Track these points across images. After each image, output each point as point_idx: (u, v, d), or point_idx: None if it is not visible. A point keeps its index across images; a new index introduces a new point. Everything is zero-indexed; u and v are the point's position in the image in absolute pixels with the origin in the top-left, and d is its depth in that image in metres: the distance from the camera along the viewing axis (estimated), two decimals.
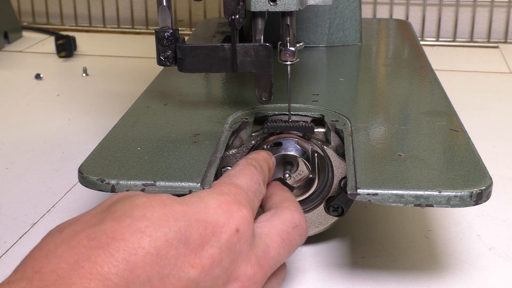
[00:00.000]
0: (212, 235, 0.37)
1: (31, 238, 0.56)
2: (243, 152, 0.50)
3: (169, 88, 0.62)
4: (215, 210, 0.38)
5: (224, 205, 0.39)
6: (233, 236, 0.38)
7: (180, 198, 0.39)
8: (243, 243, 0.39)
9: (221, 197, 0.39)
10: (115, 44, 1.25)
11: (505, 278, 0.50)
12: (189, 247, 0.36)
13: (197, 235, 0.37)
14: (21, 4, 1.39)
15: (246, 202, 0.40)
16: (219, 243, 0.37)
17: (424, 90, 0.61)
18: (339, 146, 0.50)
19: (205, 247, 0.37)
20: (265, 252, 0.40)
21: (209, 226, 0.37)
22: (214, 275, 0.37)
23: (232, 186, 0.41)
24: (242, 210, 0.39)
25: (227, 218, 0.38)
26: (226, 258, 0.38)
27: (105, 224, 0.35)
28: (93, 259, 0.33)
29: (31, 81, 1.01)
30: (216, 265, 0.37)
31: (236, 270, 0.38)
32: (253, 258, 0.39)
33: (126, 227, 0.35)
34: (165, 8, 0.50)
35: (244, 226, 0.39)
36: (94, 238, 0.34)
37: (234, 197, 0.40)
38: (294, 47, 0.50)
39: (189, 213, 0.37)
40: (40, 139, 0.78)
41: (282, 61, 0.50)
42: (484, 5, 1.23)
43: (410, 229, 0.57)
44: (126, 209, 0.36)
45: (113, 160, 0.46)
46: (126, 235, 0.34)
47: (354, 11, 0.76)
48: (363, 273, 0.50)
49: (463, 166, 0.44)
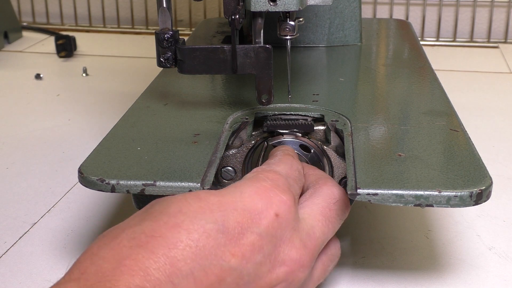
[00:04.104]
0: (251, 222, 0.37)
1: (31, 238, 0.56)
2: (243, 152, 0.50)
3: (169, 88, 0.62)
4: (252, 197, 0.38)
5: (261, 192, 0.39)
6: (273, 222, 0.38)
7: (216, 190, 0.39)
8: (284, 228, 0.39)
9: (257, 183, 0.40)
10: (115, 44, 1.25)
11: (505, 278, 0.50)
12: (228, 236, 0.36)
13: (234, 223, 0.37)
14: (21, 4, 1.39)
15: (285, 187, 0.40)
16: (259, 229, 0.37)
17: (424, 90, 0.61)
18: (339, 146, 0.50)
19: (245, 234, 0.37)
20: (309, 234, 0.40)
21: (246, 214, 0.37)
22: (256, 262, 0.37)
23: (270, 172, 0.41)
24: (280, 195, 0.39)
25: (265, 204, 0.38)
26: (267, 244, 0.38)
27: (143, 224, 0.36)
28: (133, 256, 0.34)
29: (31, 81, 1.01)
30: (257, 252, 0.37)
31: (280, 255, 0.38)
32: (297, 242, 0.39)
33: (163, 225, 0.36)
34: (165, 9, 0.50)
35: (284, 210, 0.39)
36: (133, 238, 0.35)
37: (272, 182, 0.40)
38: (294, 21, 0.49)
39: (224, 203, 0.38)
40: (40, 139, 0.78)
41: (281, 36, 0.49)
42: (484, 5, 1.23)
43: (410, 229, 0.57)
44: (162, 208, 0.37)
45: (113, 160, 0.46)
46: (164, 231, 0.35)
47: (354, 11, 0.76)
48: (363, 273, 0.50)
49: (463, 166, 0.44)
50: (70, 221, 0.59)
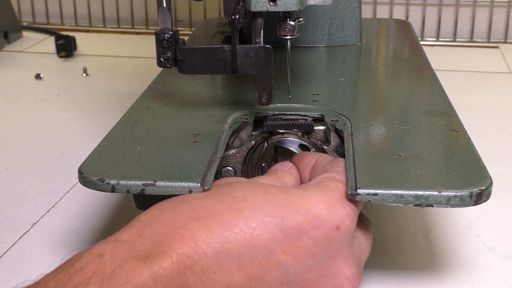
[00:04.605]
0: (311, 227, 0.38)
1: (31, 238, 0.56)
2: (243, 152, 0.50)
3: (169, 88, 0.62)
4: (319, 203, 0.39)
5: (328, 200, 0.39)
6: (332, 232, 0.38)
7: (285, 188, 0.40)
8: (343, 241, 0.39)
9: (326, 192, 0.40)
10: (115, 44, 1.25)
11: (505, 278, 0.50)
12: (285, 234, 0.37)
13: (294, 223, 0.37)
14: (21, 4, 1.39)
15: (352, 201, 0.40)
16: (316, 236, 0.38)
17: (424, 90, 0.61)
18: (339, 146, 0.50)
19: (301, 236, 0.37)
20: (361, 254, 0.41)
21: (308, 218, 0.38)
22: (305, 265, 0.38)
23: (340, 183, 0.41)
24: (346, 208, 0.39)
25: (329, 214, 0.39)
26: (321, 252, 0.38)
27: (207, 201, 0.38)
28: (189, 227, 0.35)
29: (31, 81, 1.01)
30: (309, 257, 0.38)
31: (332, 267, 0.39)
32: (350, 259, 0.40)
33: (226, 206, 0.37)
34: (165, 9, 0.50)
35: (346, 224, 0.39)
36: (194, 210, 0.37)
37: (340, 194, 0.40)
38: (294, 21, 0.49)
39: (290, 202, 0.38)
40: (40, 139, 0.78)
41: (281, 36, 0.49)
42: (484, 5, 1.23)
43: (410, 229, 0.57)
44: (229, 191, 0.39)
45: (113, 160, 0.46)
46: (224, 212, 0.37)
47: (354, 11, 0.76)
48: (363, 273, 0.50)
49: (463, 166, 0.44)
50: (70, 221, 0.59)
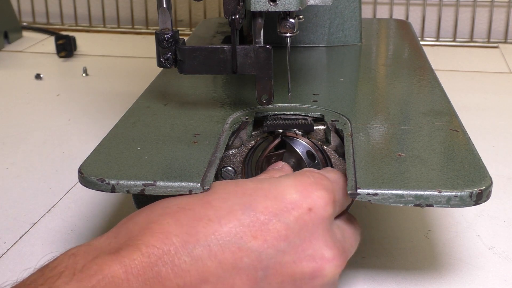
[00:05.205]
0: (280, 211, 0.38)
1: (31, 238, 0.56)
2: (243, 152, 0.50)
3: (169, 88, 0.62)
4: (289, 188, 0.39)
5: (299, 185, 0.40)
6: (305, 215, 0.39)
7: (256, 178, 0.42)
8: (318, 224, 0.39)
9: (299, 177, 0.40)
10: (115, 44, 1.25)
11: (505, 278, 0.50)
12: (253, 219, 0.38)
13: (262, 208, 0.38)
14: (21, 4, 1.39)
15: (327, 186, 0.41)
16: (287, 219, 0.38)
17: (424, 90, 0.61)
18: (339, 146, 0.50)
19: (271, 221, 0.38)
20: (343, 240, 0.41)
21: (277, 202, 0.39)
22: (279, 249, 0.38)
23: (317, 173, 0.42)
24: (319, 191, 0.40)
25: (300, 197, 0.39)
26: (294, 235, 0.38)
27: (180, 198, 0.40)
28: (160, 222, 0.37)
29: (31, 81, 1.01)
30: (282, 240, 0.38)
31: (309, 250, 0.39)
32: (330, 241, 0.40)
33: (197, 201, 0.39)
34: (165, 10, 0.50)
35: (319, 206, 0.39)
36: (167, 207, 0.39)
37: (314, 179, 0.40)
38: (294, 19, 0.49)
39: (259, 189, 0.39)
40: (40, 139, 0.78)
41: (281, 34, 0.49)
42: (484, 5, 1.23)
43: (410, 229, 0.57)
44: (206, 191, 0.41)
45: (113, 160, 0.46)
46: (194, 206, 0.38)
47: (354, 11, 0.76)
48: (363, 273, 0.50)
49: (463, 166, 0.44)
50: (70, 221, 0.59)
